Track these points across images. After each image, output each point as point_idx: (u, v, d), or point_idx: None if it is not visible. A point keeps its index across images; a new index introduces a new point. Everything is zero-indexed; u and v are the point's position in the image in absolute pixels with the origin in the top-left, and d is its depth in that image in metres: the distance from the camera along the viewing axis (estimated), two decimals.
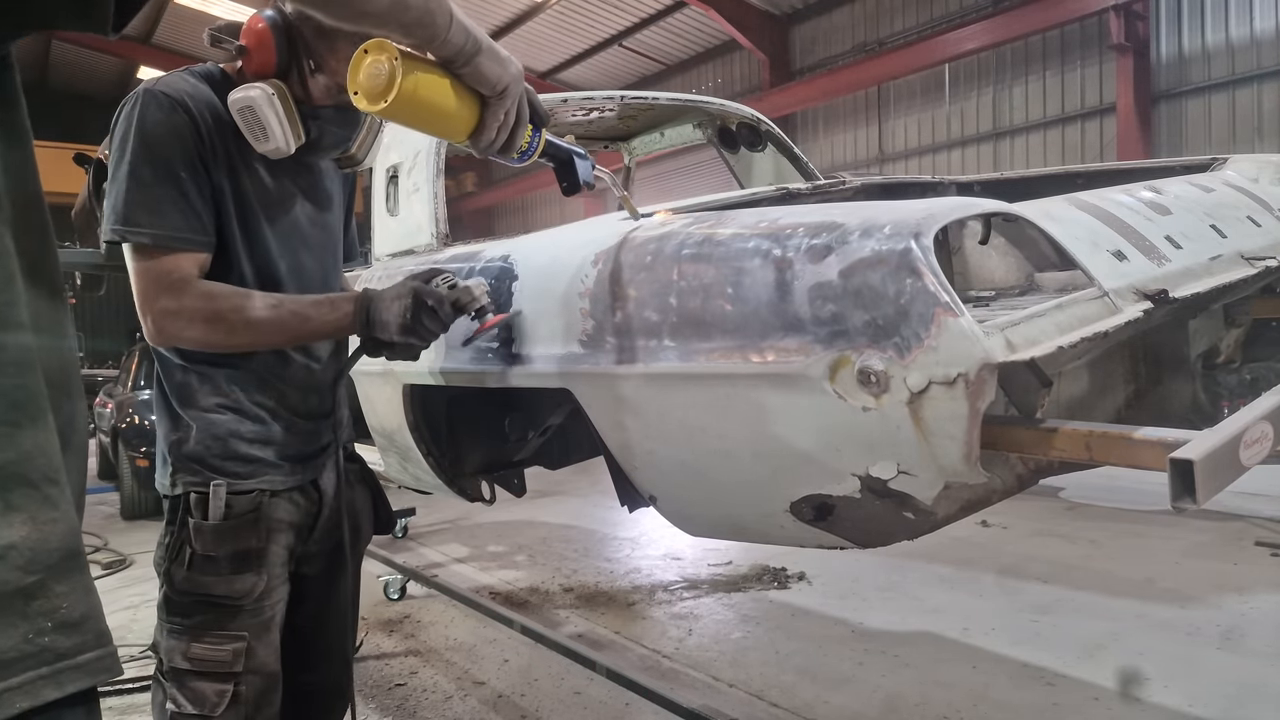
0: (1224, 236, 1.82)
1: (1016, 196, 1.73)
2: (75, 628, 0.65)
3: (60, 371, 0.73)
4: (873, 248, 1.23)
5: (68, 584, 0.66)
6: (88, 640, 0.66)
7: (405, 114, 1.25)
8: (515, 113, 1.32)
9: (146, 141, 1.35)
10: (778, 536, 1.54)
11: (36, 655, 0.63)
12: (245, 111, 1.40)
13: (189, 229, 1.38)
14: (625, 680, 2.95)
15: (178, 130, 1.37)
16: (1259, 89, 9.28)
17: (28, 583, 0.63)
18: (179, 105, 1.37)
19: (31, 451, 0.65)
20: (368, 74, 1.23)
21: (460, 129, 1.30)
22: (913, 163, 12.51)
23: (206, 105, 1.41)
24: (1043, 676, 3.17)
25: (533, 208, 19.23)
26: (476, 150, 1.36)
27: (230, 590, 1.43)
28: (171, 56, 16.21)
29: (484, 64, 1.25)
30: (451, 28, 1.19)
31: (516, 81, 1.30)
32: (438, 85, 1.25)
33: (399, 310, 1.42)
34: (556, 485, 5.35)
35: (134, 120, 1.36)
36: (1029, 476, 1.57)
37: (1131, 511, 5.39)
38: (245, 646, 1.44)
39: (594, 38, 15.19)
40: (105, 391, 8.38)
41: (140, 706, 3.18)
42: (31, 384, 0.67)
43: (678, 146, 3.81)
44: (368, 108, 1.24)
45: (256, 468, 1.48)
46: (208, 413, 1.46)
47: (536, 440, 2.26)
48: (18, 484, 0.64)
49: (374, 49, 1.22)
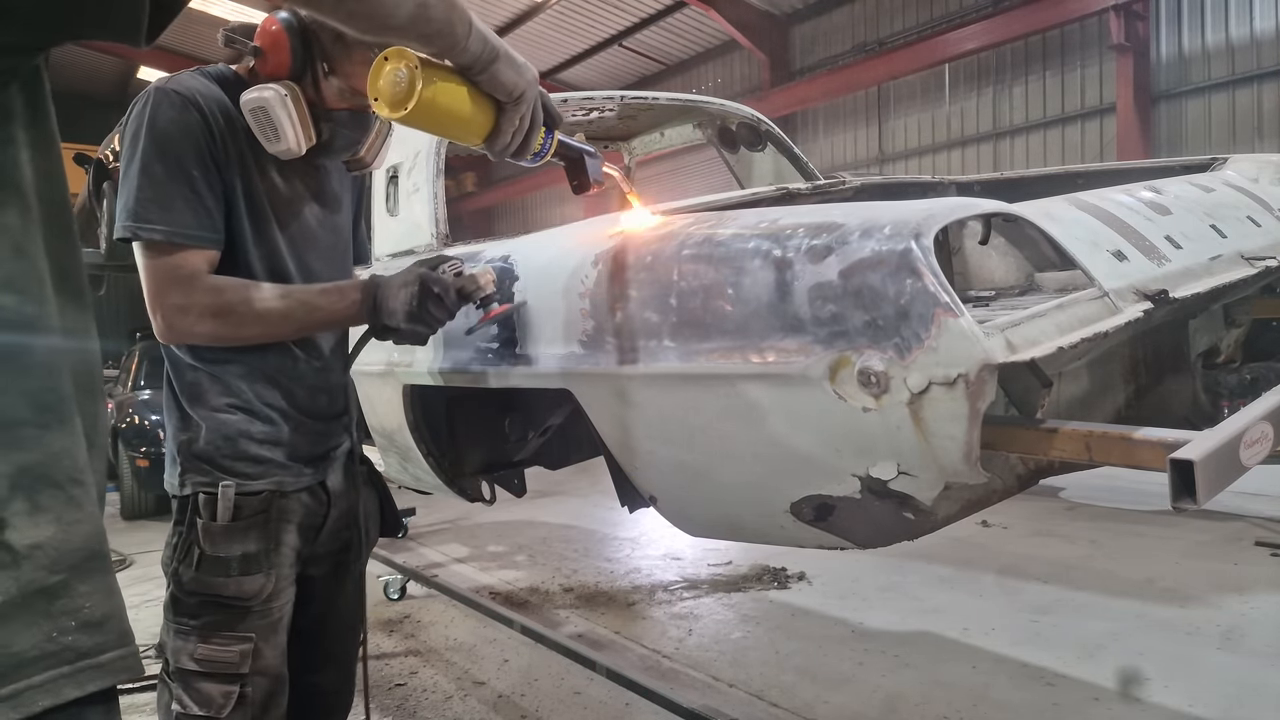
0: (1224, 236, 1.82)
1: (1016, 196, 1.73)
2: (98, 627, 0.66)
3: (85, 373, 0.74)
4: (873, 248, 1.23)
5: (91, 584, 0.66)
6: (109, 640, 0.67)
7: (424, 120, 1.27)
8: (530, 117, 1.34)
9: (158, 139, 1.36)
10: (778, 537, 1.54)
11: (58, 654, 0.63)
12: (258, 112, 1.40)
13: (200, 226, 1.38)
14: (625, 680, 2.95)
15: (190, 128, 1.37)
16: (1259, 89, 9.28)
17: (52, 582, 0.64)
18: (191, 103, 1.38)
19: (59, 453, 0.66)
20: (388, 81, 1.24)
21: (477, 134, 1.32)
22: (913, 163, 12.50)
23: (218, 105, 1.41)
24: (1043, 676, 3.17)
25: (533, 208, 19.23)
26: (492, 154, 1.37)
27: (239, 591, 1.43)
28: (172, 57, 16.19)
29: (501, 71, 1.27)
30: (470, 36, 1.21)
31: (532, 87, 1.32)
32: (456, 92, 1.27)
33: (405, 298, 1.44)
34: (556, 485, 5.35)
35: (146, 118, 1.36)
36: (1029, 476, 1.57)
37: (1131, 511, 5.39)
38: (253, 648, 1.43)
39: (594, 38, 15.19)
40: (105, 391, 8.39)
41: (141, 706, 3.18)
42: (61, 386, 0.68)
43: (678, 146, 3.81)
44: (389, 115, 1.26)
45: (266, 468, 1.47)
46: (218, 412, 1.46)
47: (536, 440, 2.26)
48: (45, 485, 0.65)
49: (394, 56, 1.24)
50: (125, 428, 6.88)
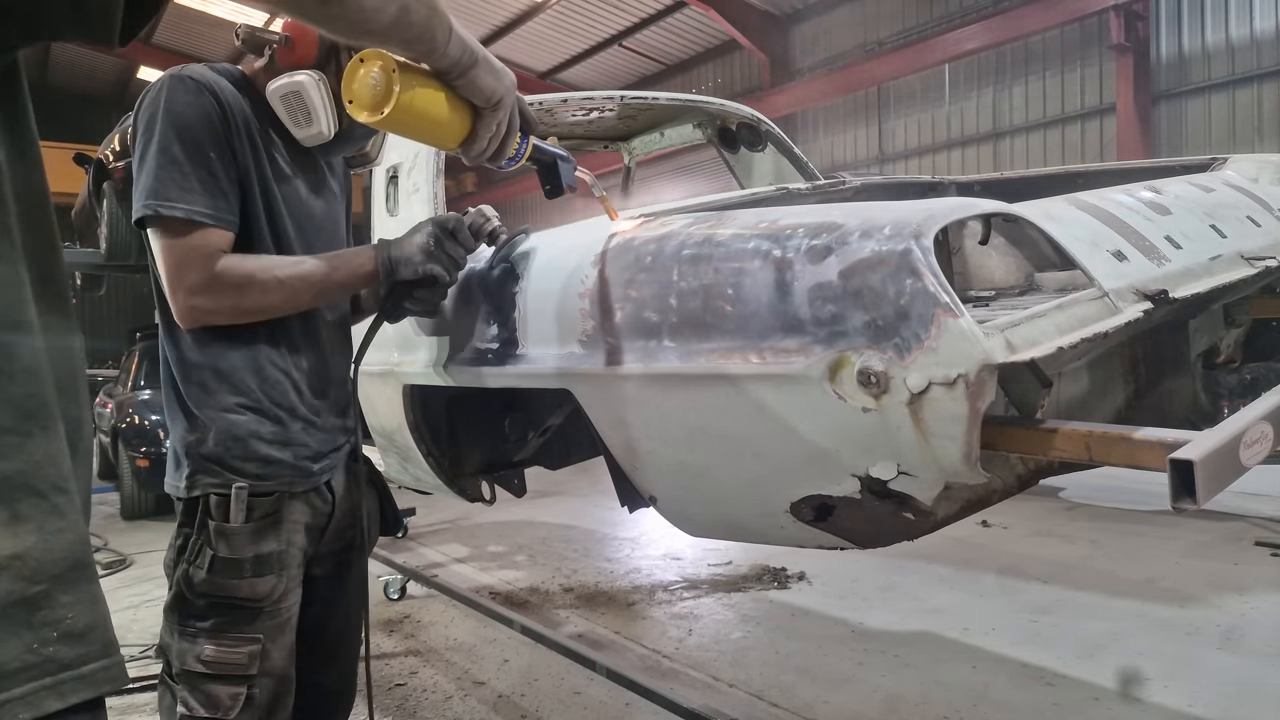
0: (1224, 236, 1.82)
1: (1016, 196, 1.73)
2: (80, 638, 0.65)
3: (68, 377, 0.72)
4: (873, 248, 1.23)
5: (73, 594, 0.65)
6: (93, 650, 0.66)
7: (400, 124, 1.26)
8: (507, 123, 1.34)
9: (175, 122, 1.37)
10: (777, 537, 1.54)
11: (39, 665, 0.62)
12: (290, 97, 1.44)
13: (217, 208, 1.40)
14: (625, 680, 2.95)
15: (205, 112, 1.39)
16: (1259, 89, 9.28)
17: (32, 593, 0.62)
18: (206, 89, 1.40)
19: (41, 461, 0.65)
20: (364, 84, 1.24)
21: (453, 139, 1.32)
22: (913, 163, 12.50)
23: (228, 93, 1.44)
24: (1043, 676, 3.17)
25: (533, 208, 19.22)
26: (467, 158, 1.38)
27: (253, 592, 1.42)
28: (172, 57, 16.17)
29: (479, 76, 1.27)
30: (450, 41, 1.20)
31: (510, 93, 1.32)
32: (433, 97, 1.26)
33: (421, 241, 1.49)
34: (556, 485, 5.35)
35: (162, 102, 1.38)
36: (1029, 476, 1.57)
37: (1131, 511, 5.39)
38: (261, 649, 1.43)
39: (594, 38, 15.18)
40: (105, 391, 8.38)
41: (140, 706, 3.18)
42: (43, 391, 0.67)
43: (678, 146, 3.81)
44: (365, 118, 1.26)
45: (276, 469, 1.47)
46: (227, 413, 1.45)
47: (536, 440, 2.26)
48: (26, 493, 0.64)
49: (370, 58, 1.24)
50: (125, 428, 6.87)
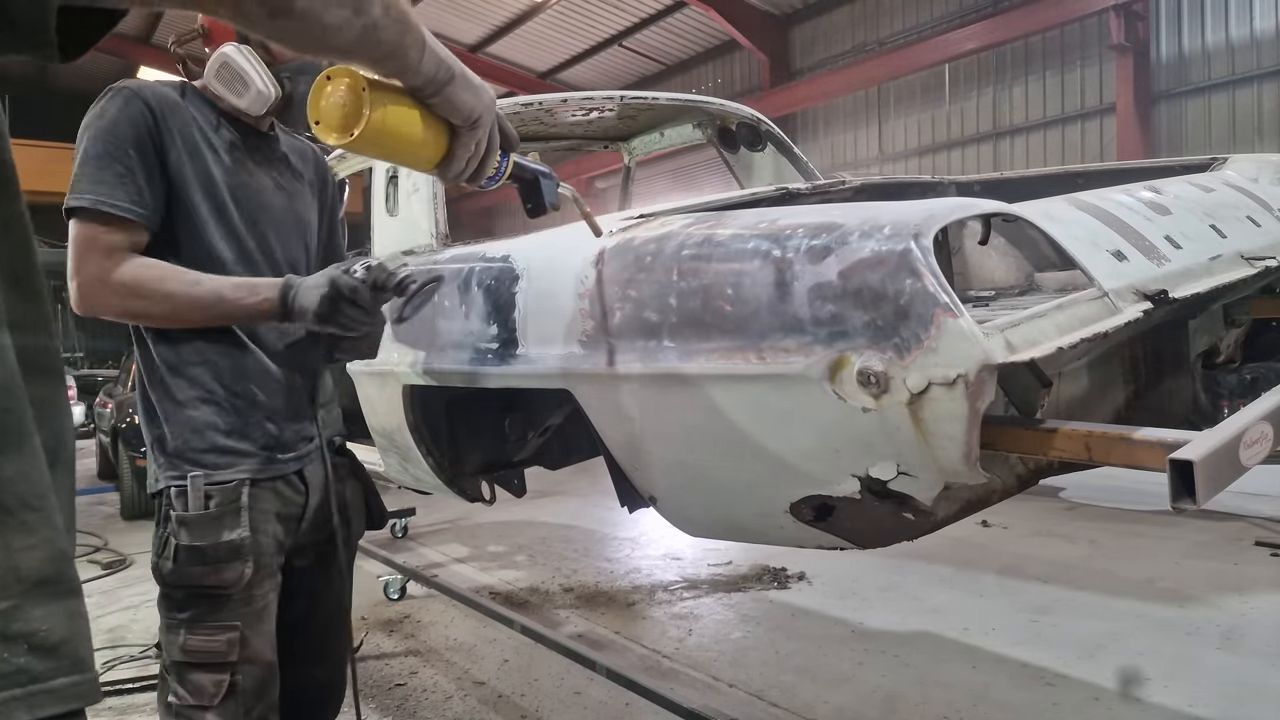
0: (1224, 236, 1.82)
1: (1016, 196, 1.73)
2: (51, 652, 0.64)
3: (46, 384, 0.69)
4: (872, 248, 1.23)
5: (45, 609, 0.64)
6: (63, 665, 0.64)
7: (373, 146, 1.17)
8: (487, 142, 1.25)
9: (100, 128, 1.44)
10: (777, 537, 1.54)
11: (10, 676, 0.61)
12: (223, 69, 1.51)
13: (128, 200, 1.43)
14: (625, 680, 2.95)
15: (131, 116, 1.45)
16: (1259, 89, 9.28)
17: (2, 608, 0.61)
18: (136, 96, 1.48)
19: (13, 478, 0.63)
20: (331, 104, 1.15)
21: (429, 160, 1.22)
22: (913, 163, 12.50)
23: (166, 99, 1.51)
24: (1043, 676, 3.17)
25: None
26: (444, 179, 1.30)
27: (219, 580, 1.46)
28: (171, 56, 16.19)
29: (456, 94, 1.16)
30: (424, 59, 1.09)
31: (489, 110, 1.22)
32: (407, 116, 1.15)
33: (315, 299, 1.42)
34: (556, 485, 5.34)
35: (94, 113, 1.47)
36: (1029, 476, 1.57)
37: (1131, 511, 5.39)
38: (239, 636, 1.46)
39: (594, 38, 15.19)
40: (105, 391, 8.39)
41: (140, 706, 3.18)
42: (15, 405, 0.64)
43: (678, 146, 3.81)
44: (334, 140, 1.17)
45: (235, 458, 1.51)
46: (185, 407, 1.50)
47: (536, 440, 2.26)
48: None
49: (338, 76, 1.15)
50: (125, 428, 6.87)
